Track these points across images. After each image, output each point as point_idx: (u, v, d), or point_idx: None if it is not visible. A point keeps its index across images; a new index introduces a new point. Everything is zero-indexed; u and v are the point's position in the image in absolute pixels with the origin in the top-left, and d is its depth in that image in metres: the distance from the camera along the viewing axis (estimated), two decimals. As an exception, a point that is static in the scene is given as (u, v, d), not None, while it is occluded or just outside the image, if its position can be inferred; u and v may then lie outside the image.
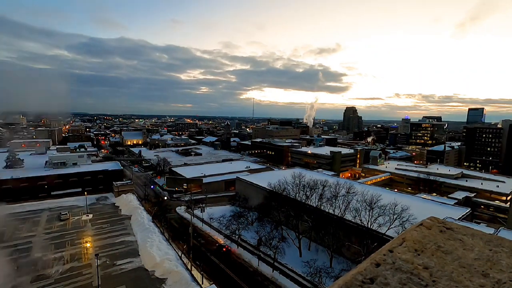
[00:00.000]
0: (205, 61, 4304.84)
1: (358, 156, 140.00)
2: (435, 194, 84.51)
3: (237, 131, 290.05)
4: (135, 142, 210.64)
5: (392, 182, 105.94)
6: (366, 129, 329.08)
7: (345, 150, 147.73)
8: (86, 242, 52.99)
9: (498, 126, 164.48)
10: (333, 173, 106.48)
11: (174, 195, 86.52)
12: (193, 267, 45.49)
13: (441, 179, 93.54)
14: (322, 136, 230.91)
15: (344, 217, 48.10)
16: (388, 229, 41.58)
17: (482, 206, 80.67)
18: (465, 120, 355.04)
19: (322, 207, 51.85)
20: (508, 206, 73.98)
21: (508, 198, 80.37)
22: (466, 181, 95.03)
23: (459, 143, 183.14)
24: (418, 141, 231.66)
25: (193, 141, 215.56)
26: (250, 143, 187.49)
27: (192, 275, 42.65)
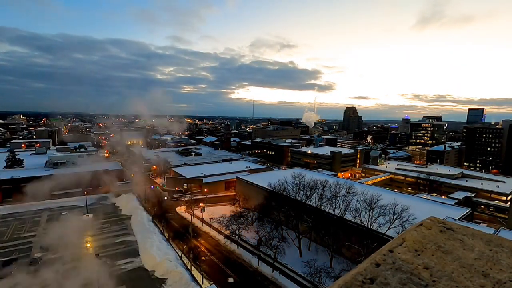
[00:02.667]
0: (169, 58, 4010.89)
1: (358, 156, 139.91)
2: (435, 194, 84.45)
3: (237, 131, 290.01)
4: (135, 142, 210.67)
5: (392, 182, 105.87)
6: (366, 129, 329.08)
7: (345, 150, 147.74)
8: (86, 242, 52.99)
9: (498, 126, 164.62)
10: (333, 173, 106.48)
11: (174, 195, 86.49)
12: (193, 267, 45.50)
13: (441, 179, 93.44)
14: (322, 136, 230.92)
15: (344, 217, 48.12)
16: (388, 229, 41.63)
17: (482, 206, 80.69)
18: (465, 120, 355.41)
19: (322, 207, 51.88)
20: (508, 206, 73.99)
21: (508, 198, 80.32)
22: (466, 181, 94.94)
23: (459, 143, 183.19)
24: (418, 141, 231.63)
25: (193, 141, 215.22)
26: (250, 143, 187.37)
27: (192, 275, 42.70)
